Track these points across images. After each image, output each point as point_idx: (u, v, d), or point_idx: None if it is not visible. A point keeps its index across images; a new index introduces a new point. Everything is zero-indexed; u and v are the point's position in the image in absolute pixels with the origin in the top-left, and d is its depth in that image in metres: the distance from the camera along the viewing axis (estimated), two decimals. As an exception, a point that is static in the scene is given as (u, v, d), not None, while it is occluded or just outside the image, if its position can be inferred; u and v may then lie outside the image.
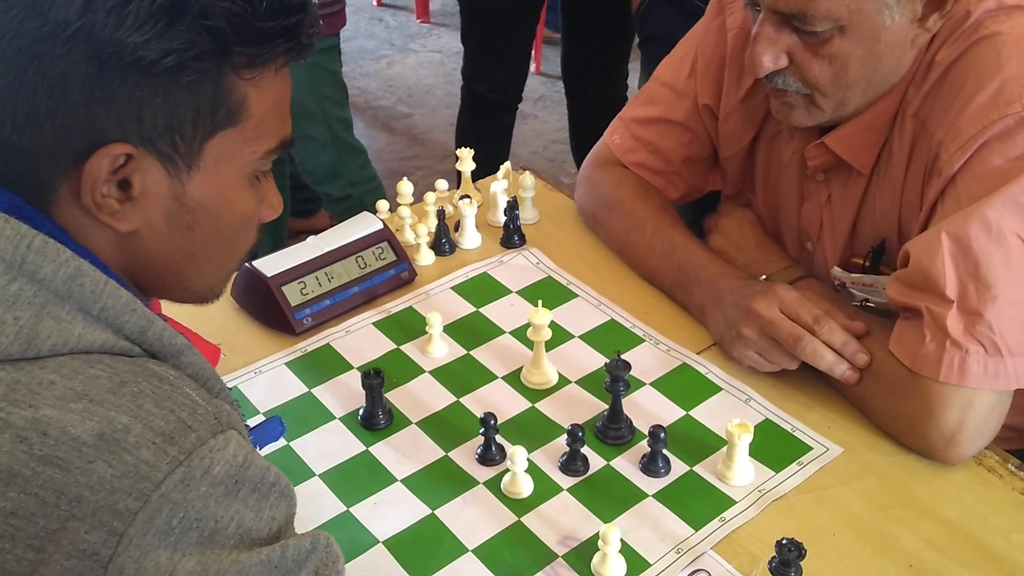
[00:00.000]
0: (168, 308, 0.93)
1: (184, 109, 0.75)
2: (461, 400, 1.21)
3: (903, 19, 1.10)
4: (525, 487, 1.08)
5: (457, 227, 1.49)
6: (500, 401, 1.20)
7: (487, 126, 2.81)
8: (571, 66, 2.95)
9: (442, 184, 1.58)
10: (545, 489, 1.09)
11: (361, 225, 1.39)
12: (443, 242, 1.46)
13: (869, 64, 1.13)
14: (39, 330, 0.71)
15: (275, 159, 0.85)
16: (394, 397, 1.21)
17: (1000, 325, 1.05)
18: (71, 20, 0.71)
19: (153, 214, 0.78)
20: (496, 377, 1.24)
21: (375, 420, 1.16)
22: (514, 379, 1.23)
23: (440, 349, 1.28)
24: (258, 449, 1.12)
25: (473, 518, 1.05)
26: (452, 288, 1.39)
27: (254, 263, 1.32)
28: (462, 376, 1.24)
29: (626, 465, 1.12)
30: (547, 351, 1.23)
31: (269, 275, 1.30)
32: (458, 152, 1.54)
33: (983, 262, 1.05)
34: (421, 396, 1.21)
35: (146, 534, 0.66)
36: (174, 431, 0.69)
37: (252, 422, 1.16)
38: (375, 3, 4.90)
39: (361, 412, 1.18)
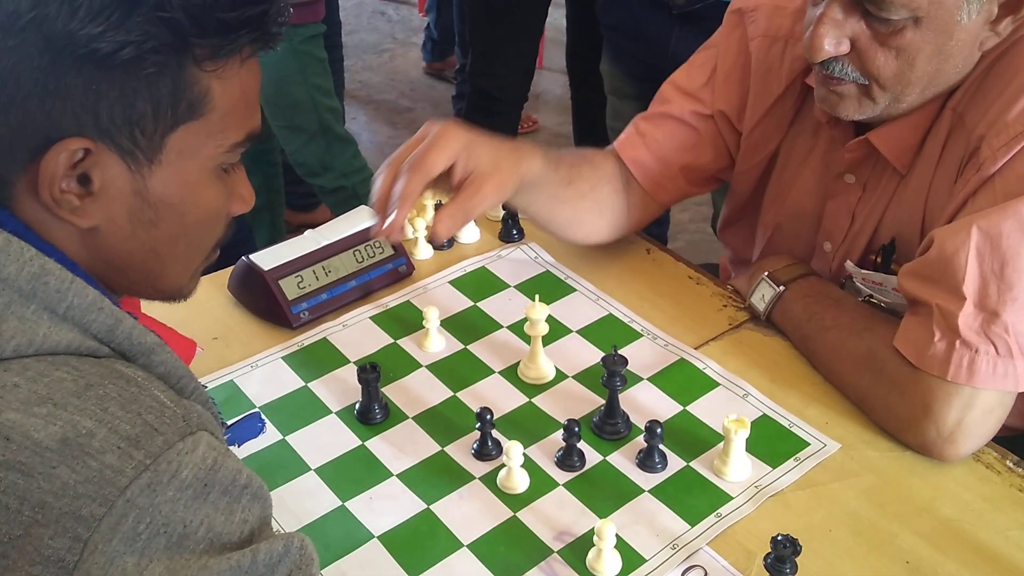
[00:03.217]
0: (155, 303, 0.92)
1: (143, 102, 0.73)
2: (458, 395, 1.20)
3: (978, 19, 1.06)
4: (521, 482, 1.07)
5: (455, 221, 1.48)
6: (497, 396, 1.20)
7: (493, 124, 2.80)
8: (575, 58, 2.94)
9: (441, 178, 1.57)
10: (541, 484, 1.08)
11: (359, 219, 1.39)
12: (441, 236, 1.45)
13: (936, 62, 1.09)
14: (3, 330, 0.69)
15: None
16: (390, 391, 1.20)
17: (1017, 327, 1.04)
18: (22, 11, 0.70)
19: (114, 209, 0.76)
20: (493, 372, 1.24)
21: (371, 415, 1.16)
22: (511, 374, 1.23)
23: (437, 343, 1.27)
24: (236, 447, 1.11)
25: (469, 513, 1.05)
26: (450, 282, 1.39)
27: (251, 256, 1.32)
28: (459, 371, 1.24)
29: (622, 460, 1.11)
30: (544, 346, 1.22)
31: (266, 269, 1.30)
32: (457, 146, 1.52)
33: (1010, 261, 1.03)
34: (418, 391, 1.21)
35: (111, 540, 0.65)
36: (140, 435, 0.67)
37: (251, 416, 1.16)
38: (378, -3, 4.89)
39: (357, 407, 1.17)
